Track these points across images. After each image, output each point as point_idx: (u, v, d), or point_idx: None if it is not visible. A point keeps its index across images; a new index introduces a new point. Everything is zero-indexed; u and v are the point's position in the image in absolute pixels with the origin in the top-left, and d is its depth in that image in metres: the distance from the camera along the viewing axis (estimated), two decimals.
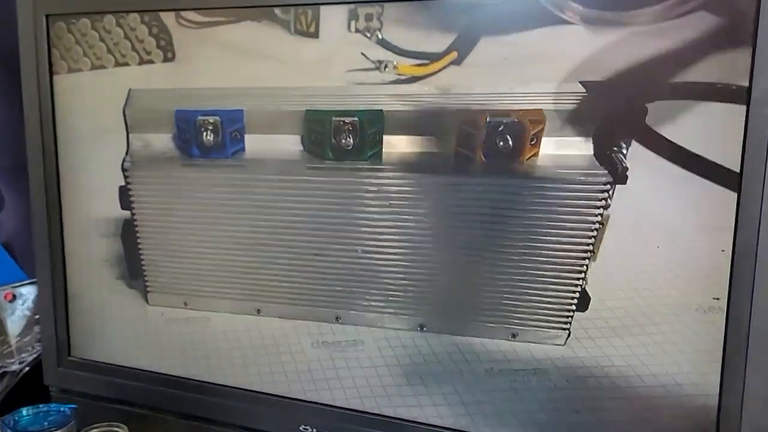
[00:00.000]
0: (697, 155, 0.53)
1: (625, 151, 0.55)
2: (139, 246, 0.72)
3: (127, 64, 0.70)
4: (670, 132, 0.53)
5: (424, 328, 0.64)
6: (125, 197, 0.70)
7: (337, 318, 0.67)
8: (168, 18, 0.67)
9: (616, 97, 0.54)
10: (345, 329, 0.66)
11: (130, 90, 0.69)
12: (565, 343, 0.59)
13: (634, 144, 0.54)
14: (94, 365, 0.78)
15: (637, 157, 0.54)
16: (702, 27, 0.51)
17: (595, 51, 0.54)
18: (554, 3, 0.54)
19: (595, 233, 0.56)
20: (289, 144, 0.64)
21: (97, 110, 0.71)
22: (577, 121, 0.56)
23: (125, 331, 0.76)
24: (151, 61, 0.69)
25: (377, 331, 0.65)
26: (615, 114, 0.55)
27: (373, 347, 0.65)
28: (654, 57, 0.52)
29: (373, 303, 0.65)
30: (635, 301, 0.56)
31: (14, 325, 0.85)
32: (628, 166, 0.54)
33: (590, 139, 0.56)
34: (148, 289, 0.73)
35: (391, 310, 0.64)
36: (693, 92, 0.52)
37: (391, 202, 0.62)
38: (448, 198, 0.60)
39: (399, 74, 0.59)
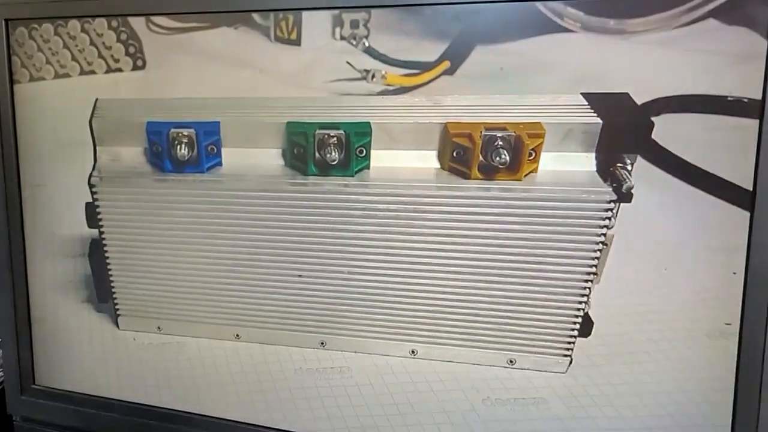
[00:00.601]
0: (707, 172, 0.50)
1: (630, 168, 0.52)
2: (108, 267, 0.68)
3: (93, 73, 0.66)
4: (678, 147, 0.50)
5: (416, 354, 0.61)
6: (92, 215, 0.66)
7: (322, 343, 0.64)
8: (138, 23, 0.63)
9: (620, 110, 0.51)
10: (330, 355, 0.63)
11: (97, 100, 0.65)
12: (567, 370, 0.57)
13: (640, 160, 0.52)
14: (60, 394, 0.73)
15: (642, 173, 0.51)
16: (711, 36, 0.48)
17: (598, 61, 0.51)
18: (553, 10, 0.51)
19: (598, 254, 0.54)
20: (270, 158, 0.61)
21: (62, 122, 0.67)
22: (578, 135, 0.53)
23: (94, 357, 0.72)
24: (119, 69, 0.65)
25: (365, 358, 0.62)
26: (619, 128, 0.52)
27: (360, 374, 0.62)
28: (660, 68, 0.49)
29: (360, 327, 0.62)
30: (641, 326, 0.54)
31: None
32: (633, 183, 0.52)
33: (593, 155, 0.54)
34: (119, 312, 0.69)
35: (381, 335, 0.61)
36: (702, 105, 0.49)
37: (380, 220, 0.58)
38: (441, 217, 0.57)
39: (387, 84, 0.56)
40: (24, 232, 0.72)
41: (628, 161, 0.52)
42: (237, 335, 0.66)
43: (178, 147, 0.61)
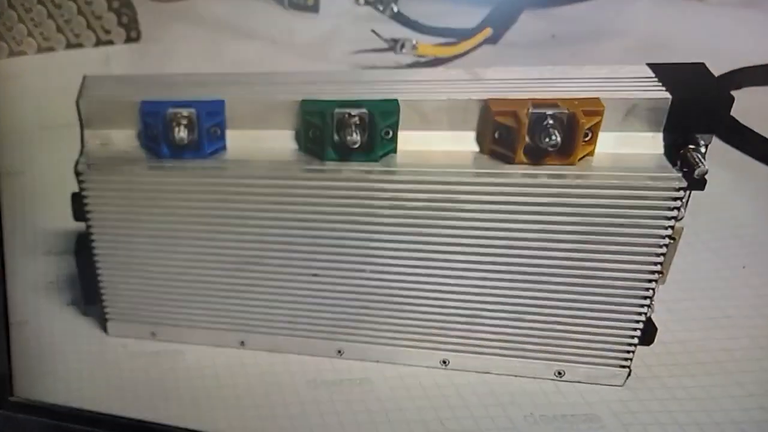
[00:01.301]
0: None
1: (703, 150, 0.46)
2: (97, 265, 0.61)
3: (81, 46, 0.61)
4: (762, 126, 0.44)
5: (448, 364, 0.56)
6: (79, 206, 0.60)
7: (339, 351, 0.58)
8: None
9: (693, 83, 0.45)
10: (349, 365, 0.58)
11: (85, 77, 0.59)
12: (624, 383, 0.51)
13: (716, 140, 0.46)
14: (41, 407, 0.67)
15: (718, 156, 0.45)
16: None
17: (668, 25, 0.45)
18: None
19: (664, 250, 0.48)
20: (281, 142, 0.55)
21: (45, 101, 0.62)
22: (643, 112, 0.47)
23: (79, 366, 0.66)
24: (110, 42, 0.60)
25: (389, 368, 0.57)
26: (692, 104, 0.46)
27: (383, 387, 0.57)
28: (743, 33, 0.43)
29: (383, 334, 0.56)
30: (713, 333, 0.49)
31: None
32: (707, 167, 0.45)
33: (660, 135, 0.47)
34: (108, 316, 0.63)
35: (407, 343, 0.56)
36: None
37: (408, 212, 0.52)
38: (480, 207, 0.50)
39: (419, 55, 0.51)
40: (1, 226, 0.65)
41: (702, 142, 0.46)
42: (242, 342, 0.61)
43: (177, 129, 0.55)
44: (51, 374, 0.67)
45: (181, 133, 0.55)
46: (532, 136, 0.48)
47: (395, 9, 0.50)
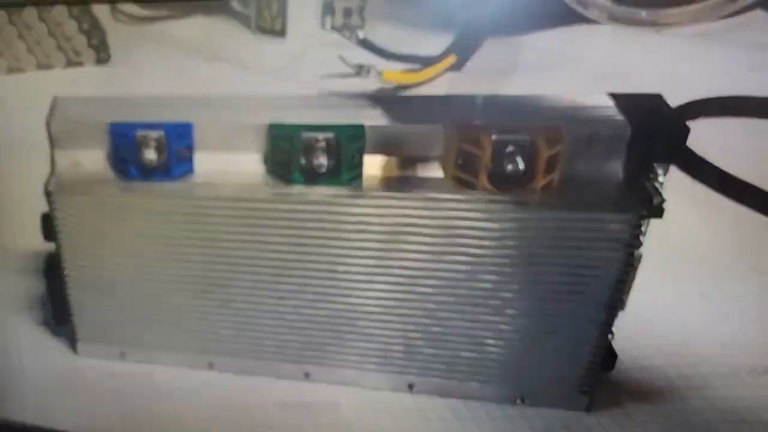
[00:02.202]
0: (750, 185, 0.44)
1: (661, 179, 0.47)
2: (67, 285, 0.62)
3: (51, 67, 0.62)
4: (718, 156, 0.45)
5: (414, 389, 0.56)
6: (49, 226, 0.60)
7: (306, 374, 0.59)
8: (102, 12, 0.59)
9: (651, 114, 0.45)
10: (316, 388, 0.58)
11: (54, 98, 0.59)
12: (586, 408, 0.51)
13: (673, 170, 0.47)
14: (10, 427, 0.67)
15: (675, 185, 0.46)
16: (759, 29, 0.43)
17: (626, 57, 0.45)
18: None
19: (624, 277, 0.48)
20: (249, 164, 0.55)
21: (15, 122, 0.63)
22: (603, 141, 0.48)
23: (49, 386, 0.66)
24: (80, 63, 0.61)
25: (356, 391, 0.57)
26: (650, 134, 0.47)
27: (350, 410, 0.57)
28: (698, 65, 0.44)
29: (351, 357, 0.57)
30: (672, 360, 0.49)
31: None
32: (664, 196, 0.46)
33: (619, 164, 0.48)
34: (78, 336, 0.64)
35: (374, 367, 0.56)
36: (746, 108, 0.44)
37: (374, 236, 0.53)
38: (443, 233, 0.51)
39: (384, 82, 0.51)
40: None
41: (660, 171, 0.47)
42: (210, 364, 0.61)
43: (146, 151, 0.56)
44: (20, 394, 0.67)
45: (150, 155, 0.55)
46: (495, 163, 0.49)
47: (361, 36, 0.51)
